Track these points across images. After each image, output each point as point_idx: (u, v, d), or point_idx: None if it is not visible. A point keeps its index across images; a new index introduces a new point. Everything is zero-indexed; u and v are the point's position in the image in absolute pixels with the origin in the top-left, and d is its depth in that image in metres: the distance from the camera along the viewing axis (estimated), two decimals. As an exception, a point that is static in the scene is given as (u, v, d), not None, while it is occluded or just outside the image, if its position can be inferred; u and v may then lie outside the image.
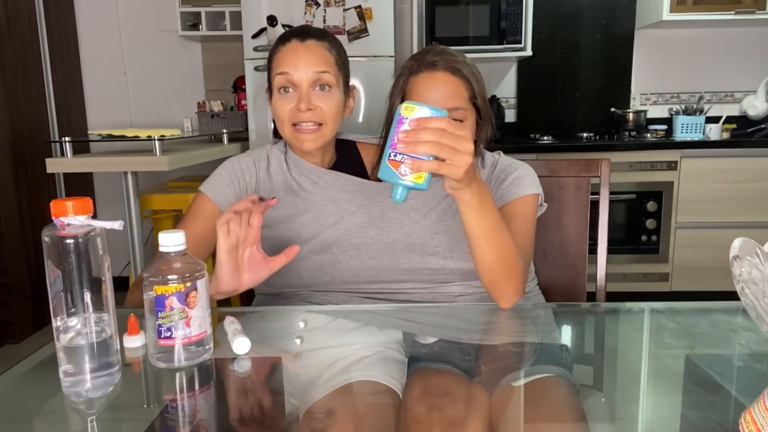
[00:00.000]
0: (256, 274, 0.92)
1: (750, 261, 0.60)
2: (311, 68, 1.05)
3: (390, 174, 0.78)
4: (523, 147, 2.81)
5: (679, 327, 0.91)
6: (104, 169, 2.35)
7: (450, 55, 1.08)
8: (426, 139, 0.76)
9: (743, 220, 2.77)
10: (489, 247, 0.91)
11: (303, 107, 1.05)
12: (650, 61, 3.25)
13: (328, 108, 1.07)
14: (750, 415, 0.55)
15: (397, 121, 0.79)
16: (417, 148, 0.76)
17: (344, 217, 1.11)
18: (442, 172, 0.78)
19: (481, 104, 1.10)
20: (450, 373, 0.76)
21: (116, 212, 3.04)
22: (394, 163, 0.78)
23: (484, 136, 1.13)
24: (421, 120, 0.77)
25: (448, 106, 1.05)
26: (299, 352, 0.85)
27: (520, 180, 1.10)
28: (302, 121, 1.06)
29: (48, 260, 0.65)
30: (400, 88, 1.10)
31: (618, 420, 0.67)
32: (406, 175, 0.78)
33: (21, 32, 2.82)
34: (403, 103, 0.79)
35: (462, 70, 1.06)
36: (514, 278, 0.94)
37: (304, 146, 1.08)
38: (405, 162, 0.77)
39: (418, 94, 1.06)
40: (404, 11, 3.13)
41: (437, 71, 1.06)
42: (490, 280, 0.95)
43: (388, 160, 0.78)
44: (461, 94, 1.06)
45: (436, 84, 1.05)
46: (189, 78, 3.34)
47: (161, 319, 0.73)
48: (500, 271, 0.93)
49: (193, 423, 0.65)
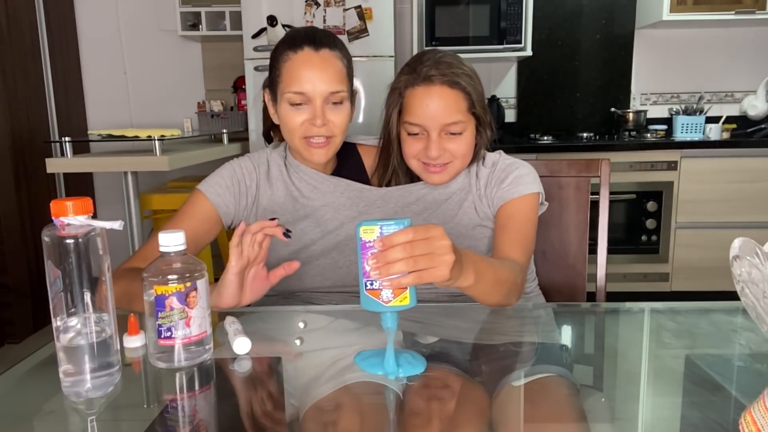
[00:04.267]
0: (257, 292, 0.93)
1: (750, 261, 0.60)
2: (326, 86, 1.04)
3: (373, 304, 0.71)
4: (523, 147, 2.81)
5: (679, 327, 0.91)
6: (104, 169, 2.35)
7: (446, 66, 1.05)
8: (397, 257, 0.68)
9: (743, 220, 2.77)
10: (491, 296, 0.91)
11: (318, 123, 1.04)
12: (650, 61, 3.25)
13: (340, 122, 1.07)
14: (750, 415, 0.55)
15: (360, 247, 0.71)
16: (391, 270, 0.68)
17: (345, 223, 1.11)
18: (426, 280, 0.70)
19: (480, 112, 1.09)
20: (450, 373, 0.76)
21: (116, 212, 3.04)
22: (373, 292, 0.71)
23: (484, 142, 1.13)
24: (385, 240, 0.69)
25: (446, 121, 1.05)
26: (299, 352, 0.85)
27: (520, 179, 1.10)
28: (314, 136, 1.06)
29: (48, 260, 0.65)
30: (396, 103, 1.09)
31: (618, 420, 0.67)
32: (390, 300, 0.71)
33: (21, 32, 2.82)
34: (360, 225, 0.71)
35: (459, 82, 1.05)
36: (515, 293, 0.95)
37: (315, 158, 1.08)
38: (384, 287, 0.70)
39: (415, 109, 1.06)
40: (404, 11, 3.13)
41: (434, 85, 1.05)
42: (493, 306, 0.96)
43: (366, 291, 0.71)
44: (459, 106, 1.05)
45: (433, 99, 1.04)
46: (189, 78, 3.34)
47: (161, 319, 0.73)
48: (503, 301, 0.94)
49: (193, 423, 0.65)
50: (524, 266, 1.03)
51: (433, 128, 1.05)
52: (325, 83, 1.04)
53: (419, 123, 1.06)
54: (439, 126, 1.05)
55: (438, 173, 1.08)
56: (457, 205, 1.13)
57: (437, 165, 1.08)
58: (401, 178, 1.15)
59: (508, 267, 0.95)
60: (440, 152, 1.06)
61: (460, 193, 1.13)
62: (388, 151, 1.13)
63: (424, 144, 1.07)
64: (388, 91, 1.11)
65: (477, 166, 1.15)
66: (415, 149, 1.08)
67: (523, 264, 1.03)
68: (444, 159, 1.07)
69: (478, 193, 1.13)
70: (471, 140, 1.09)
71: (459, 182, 1.14)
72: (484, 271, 0.84)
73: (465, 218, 1.12)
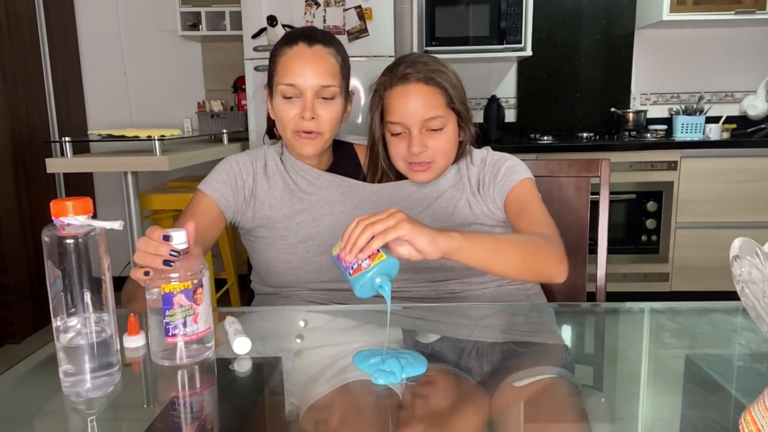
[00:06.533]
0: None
1: (750, 261, 0.60)
2: (317, 79, 1.06)
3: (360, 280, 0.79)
4: (523, 147, 2.81)
5: (679, 327, 0.91)
6: (104, 169, 2.35)
7: (423, 64, 1.09)
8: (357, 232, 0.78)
9: (743, 220, 2.77)
10: (504, 264, 0.92)
11: (307, 116, 1.06)
12: (650, 61, 3.25)
13: (330, 117, 1.08)
14: (750, 415, 0.55)
15: (336, 259, 0.82)
16: (358, 242, 0.78)
17: (340, 219, 1.12)
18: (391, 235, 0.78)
19: (461, 108, 1.11)
20: (450, 373, 0.76)
21: (116, 212, 3.05)
22: (356, 271, 0.79)
23: (468, 137, 1.15)
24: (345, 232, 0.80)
25: (425, 117, 1.07)
26: (299, 351, 0.85)
27: (512, 169, 1.12)
28: (304, 130, 1.07)
29: (48, 260, 0.65)
30: (377, 105, 1.12)
31: (618, 420, 0.67)
32: (370, 265, 0.78)
33: (21, 32, 2.82)
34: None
35: (435, 78, 1.07)
36: (548, 259, 0.95)
37: (304, 151, 1.10)
38: (360, 260, 0.79)
39: (394, 108, 1.08)
40: (404, 11, 3.13)
41: (410, 83, 1.07)
42: (531, 278, 0.96)
43: (351, 276, 0.80)
44: (437, 102, 1.08)
45: (411, 96, 1.07)
46: (189, 78, 3.34)
47: (169, 317, 0.73)
48: (530, 267, 0.94)
49: (193, 423, 0.65)
50: (552, 235, 1.02)
51: (414, 125, 1.07)
52: (316, 77, 1.06)
53: (400, 121, 1.08)
54: (419, 122, 1.07)
55: (422, 171, 1.10)
56: (452, 203, 1.13)
57: (421, 163, 1.09)
58: (392, 178, 1.17)
59: (523, 236, 0.96)
60: (422, 148, 1.08)
61: (452, 190, 1.14)
62: (375, 153, 1.16)
63: (407, 143, 1.09)
64: (371, 95, 1.14)
65: (466, 162, 1.16)
66: (401, 150, 1.10)
67: (550, 233, 1.02)
68: (426, 157, 1.09)
69: (472, 191, 1.13)
70: (453, 136, 1.11)
71: (449, 179, 1.15)
72: (474, 235, 0.88)
73: (460, 216, 1.13)
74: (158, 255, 0.73)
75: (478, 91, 3.27)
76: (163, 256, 0.73)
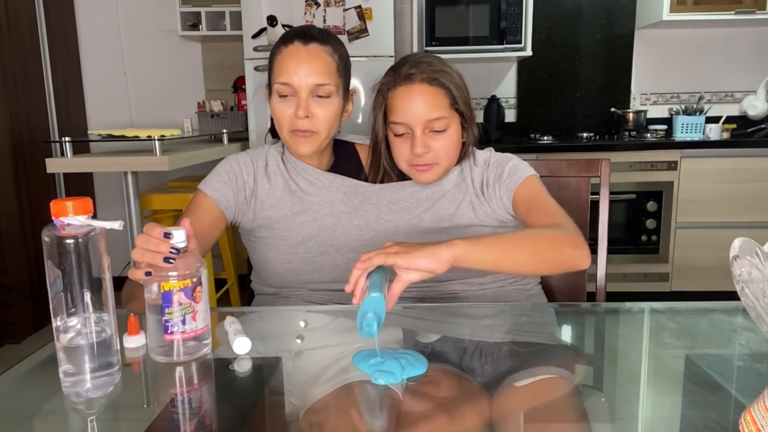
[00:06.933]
0: None
1: (750, 261, 0.60)
2: (311, 77, 1.05)
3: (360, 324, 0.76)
4: (523, 147, 2.81)
5: (679, 327, 0.91)
6: (104, 169, 2.35)
7: (427, 64, 1.08)
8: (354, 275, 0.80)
9: (743, 220, 2.77)
10: (516, 261, 0.91)
11: (301, 114, 1.06)
12: (650, 61, 3.25)
13: (325, 116, 1.07)
14: (750, 415, 0.55)
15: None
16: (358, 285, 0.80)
17: (341, 219, 1.11)
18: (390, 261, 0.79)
19: (464, 109, 1.10)
20: (451, 373, 0.76)
21: (116, 212, 3.04)
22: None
23: (471, 139, 1.15)
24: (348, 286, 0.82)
25: (428, 117, 1.07)
26: (299, 351, 0.85)
27: (516, 167, 1.12)
28: (299, 129, 1.07)
29: (48, 260, 0.65)
30: (380, 105, 1.11)
31: (618, 420, 0.67)
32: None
33: (21, 32, 2.82)
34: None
35: (439, 79, 1.07)
36: (564, 248, 0.94)
37: (300, 150, 1.09)
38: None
39: (398, 108, 1.08)
40: (404, 11, 3.13)
41: (414, 84, 1.07)
42: (550, 272, 0.96)
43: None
44: (441, 102, 1.07)
45: (414, 97, 1.06)
46: (189, 78, 3.34)
47: (168, 315, 0.74)
48: (547, 259, 0.93)
49: (193, 423, 0.65)
50: (566, 224, 1.00)
51: (417, 125, 1.07)
52: (311, 75, 1.05)
53: (403, 121, 1.08)
54: (422, 123, 1.07)
55: (425, 171, 1.10)
56: (454, 204, 1.13)
57: (424, 164, 1.09)
58: (394, 179, 1.17)
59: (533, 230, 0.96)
60: (425, 149, 1.07)
61: (454, 191, 1.14)
62: (378, 153, 1.15)
63: (410, 144, 1.08)
64: (374, 95, 1.13)
65: (469, 164, 1.16)
66: (404, 152, 1.10)
67: (563, 222, 1.00)
68: (429, 158, 1.08)
69: (475, 193, 1.13)
70: (456, 138, 1.10)
71: (452, 180, 1.14)
72: (478, 238, 0.87)
73: (462, 218, 1.12)
74: (159, 252, 0.74)
75: (478, 91, 3.27)
76: (163, 253, 0.73)
